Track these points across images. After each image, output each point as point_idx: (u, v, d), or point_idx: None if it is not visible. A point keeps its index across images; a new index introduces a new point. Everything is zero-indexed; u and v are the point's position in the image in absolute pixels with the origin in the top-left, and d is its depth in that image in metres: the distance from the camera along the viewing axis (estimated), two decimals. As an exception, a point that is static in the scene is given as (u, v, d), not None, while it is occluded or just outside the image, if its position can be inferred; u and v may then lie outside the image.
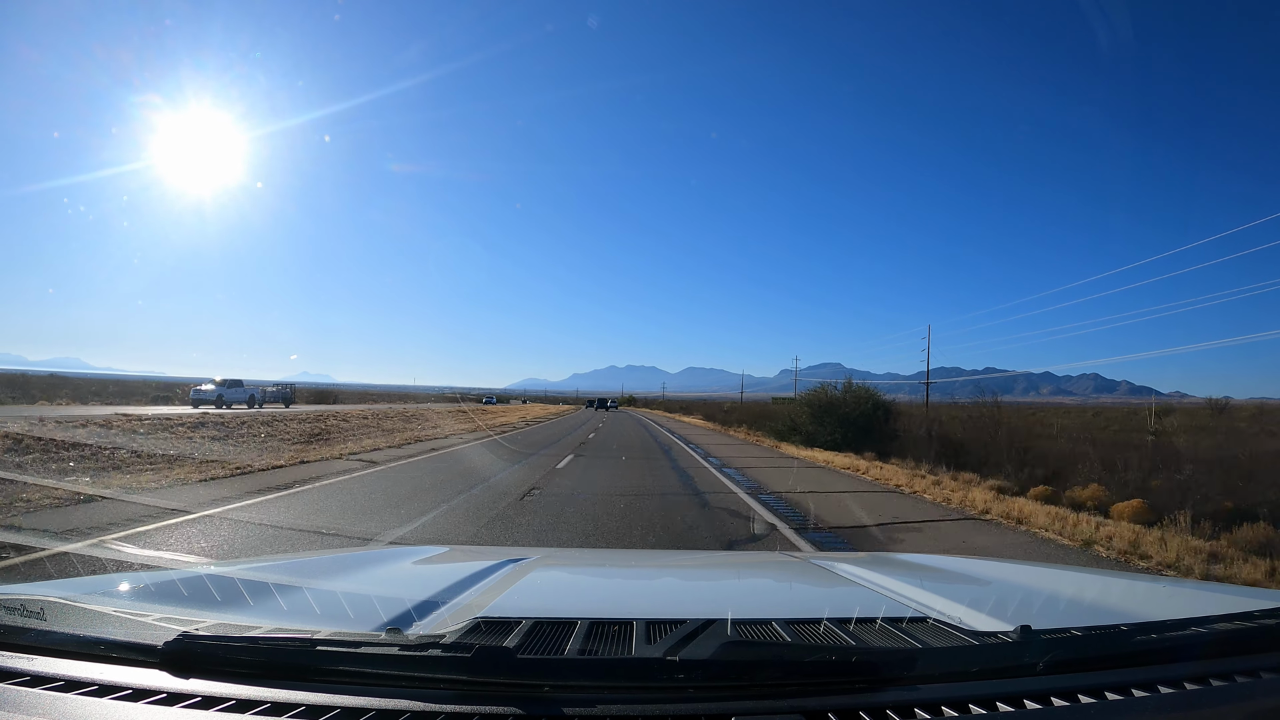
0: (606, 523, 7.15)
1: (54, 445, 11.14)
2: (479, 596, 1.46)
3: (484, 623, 1.14)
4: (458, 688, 0.94)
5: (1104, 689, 0.98)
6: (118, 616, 1.13)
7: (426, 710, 0.90)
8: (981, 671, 1.01)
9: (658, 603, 1.75)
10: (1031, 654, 1.03)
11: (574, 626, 1.13)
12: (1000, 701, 0.94)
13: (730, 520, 7.60)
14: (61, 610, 1.13)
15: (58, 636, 1.05)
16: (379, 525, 6.81)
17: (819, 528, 7.33)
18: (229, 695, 0.94)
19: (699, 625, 1.05)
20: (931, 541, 6.84)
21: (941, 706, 0.93)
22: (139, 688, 0.95)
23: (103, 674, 0.99)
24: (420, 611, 1.28)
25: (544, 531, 6.68)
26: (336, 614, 1.34)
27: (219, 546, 5.67)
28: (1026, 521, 7.97)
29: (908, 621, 1.21)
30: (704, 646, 0.97)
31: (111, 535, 5.85)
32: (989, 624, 1.22)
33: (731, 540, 6.61)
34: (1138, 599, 1.73)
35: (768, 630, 1.18)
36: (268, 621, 1.18)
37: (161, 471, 9.80)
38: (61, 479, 8.49)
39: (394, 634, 1.03)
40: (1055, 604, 1.59)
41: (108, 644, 1.03)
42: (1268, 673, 1.05)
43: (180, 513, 6.94)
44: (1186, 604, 1.63)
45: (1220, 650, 1.10)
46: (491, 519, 7.30)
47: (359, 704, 0.91)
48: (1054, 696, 0.96)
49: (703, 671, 0.95)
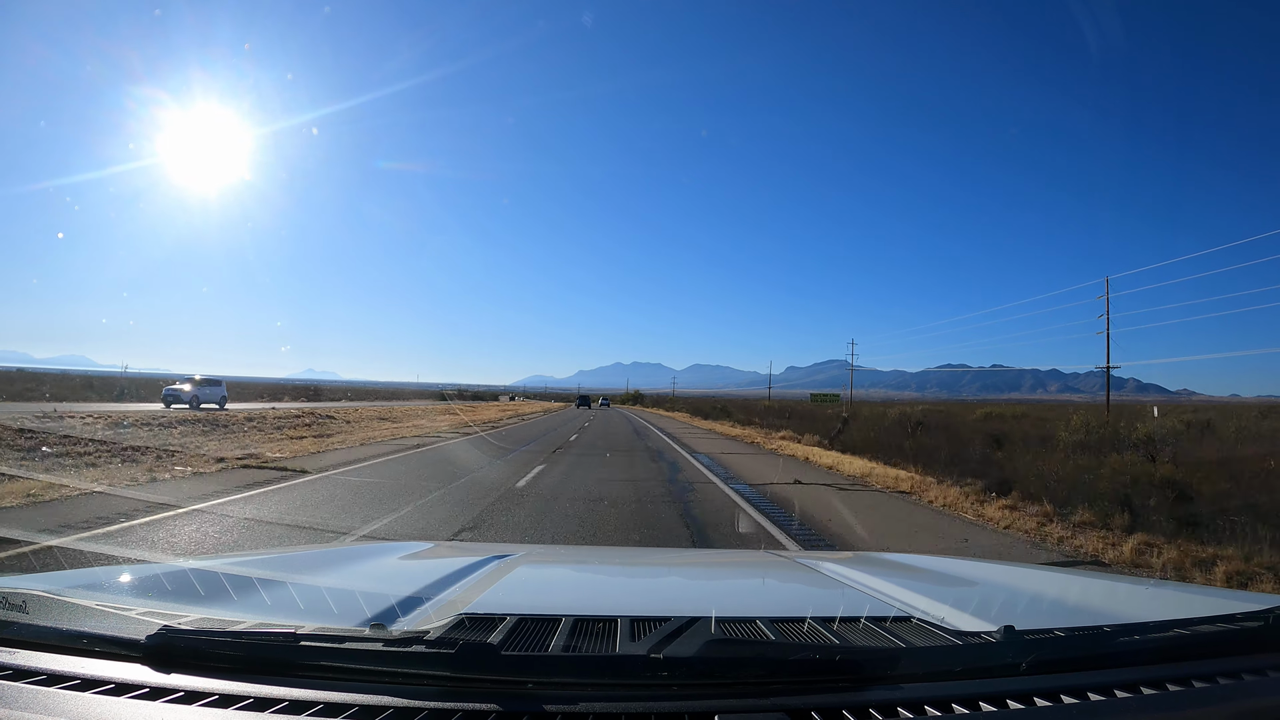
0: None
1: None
2: (464, 592, 1.45)
3: (468, 619, 1.13)
4: (441, 684, 0.94)
5: (1087, 689, 0.98)
6: (101, 610, 1.12)
7: (410, 706, 0.89)
8: (965, 671, 1.02)
9: (642, 600, 1.75)
10: (1015, 654, 1.03)
11: (558, 623, 1.13)
12: (983, 701, 0.95)
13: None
14: (45, 604, 1.12)
15: (41, 630, 1.04)
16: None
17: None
18: (212, 690, 0.93)
19: (683, 623, 1.05)
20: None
21: (925, 706, 0.93)
22: (122, 682, 0.95)
23: (86, 668, 0.98)
24: (405, 607, 1.28)
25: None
26: (320, 609, 1.34)
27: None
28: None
29: (891, 621, 1.22)
30: (688, 644, 0.97)
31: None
32: (972, 624, 1.23)
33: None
34: (1120, 600, 1.75)
35: (752, 628, 1.18)
36: (251, 616, 1.18)
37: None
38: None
39: (378, 629, 1.03)
40: (1038, 604, 1.60)
41: (91, 638, 1.02)
42: (1250, 674, 1.06)
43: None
44: (1169, 605, 1.64)
45: (1203, 652, 1.10)
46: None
47: (342, 700, 0.91)
48: (1037, 697, 0.96)
49: (687, 669, 0.95)
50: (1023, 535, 7.50)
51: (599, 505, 8.43)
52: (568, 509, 8.11)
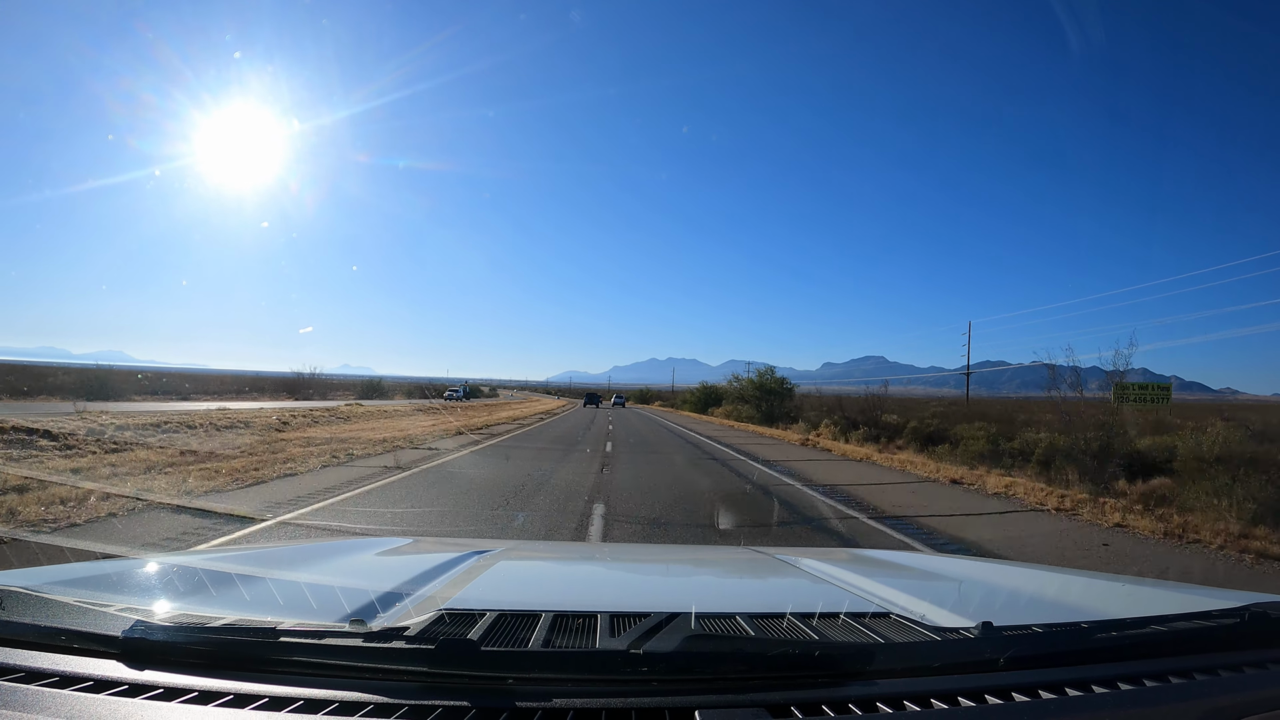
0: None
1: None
2: (444, 588, 1.45)
3: (448, 615, 1.13)
4: (421, 680, 0.93)
5: (1064, 685, 0.99)
6: (79, 606, 1.11)
7: (389, 703, 0.89)
8: (943, 666, 1.02)
9: (622, 595, 1.75)
10: (993, 650, 1.03)
11: (538, 619, 1.13)
12: (962, 696, 0.95)
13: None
14: (21, 600, 1.10)
15: (18, 627, 1.03)
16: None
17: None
18: (191, 686, 0.92)
19: (663, 618, 1.05)
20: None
21: (903, 701, 0.93)
22: (100, 678, 0.94)
23: (64, 665, 0.97)
24: (384, 603, 1.27)
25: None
26: (300, 605, 1.33)
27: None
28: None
29: (870, 617, 1.22)
30: (668, 640, 0.97)
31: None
32: (951, 620, 1.23)
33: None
34: (1098, 596, 1.76)
35: (732, 624, 1.18)
36: (230, 612, 1.17)
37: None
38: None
39: (357, 625, 1.02)
40: (1017, 601, 1.61)
41: (68, 634, 1.01)
42: (1226, 670, 1.07)
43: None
44: (1146, 602, 1.66)
45: (1179, 648, 1.11)
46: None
47: (321, 696, 0.90)
48: (1015, 692, 0.97)
49: (666, 664, 0.95)
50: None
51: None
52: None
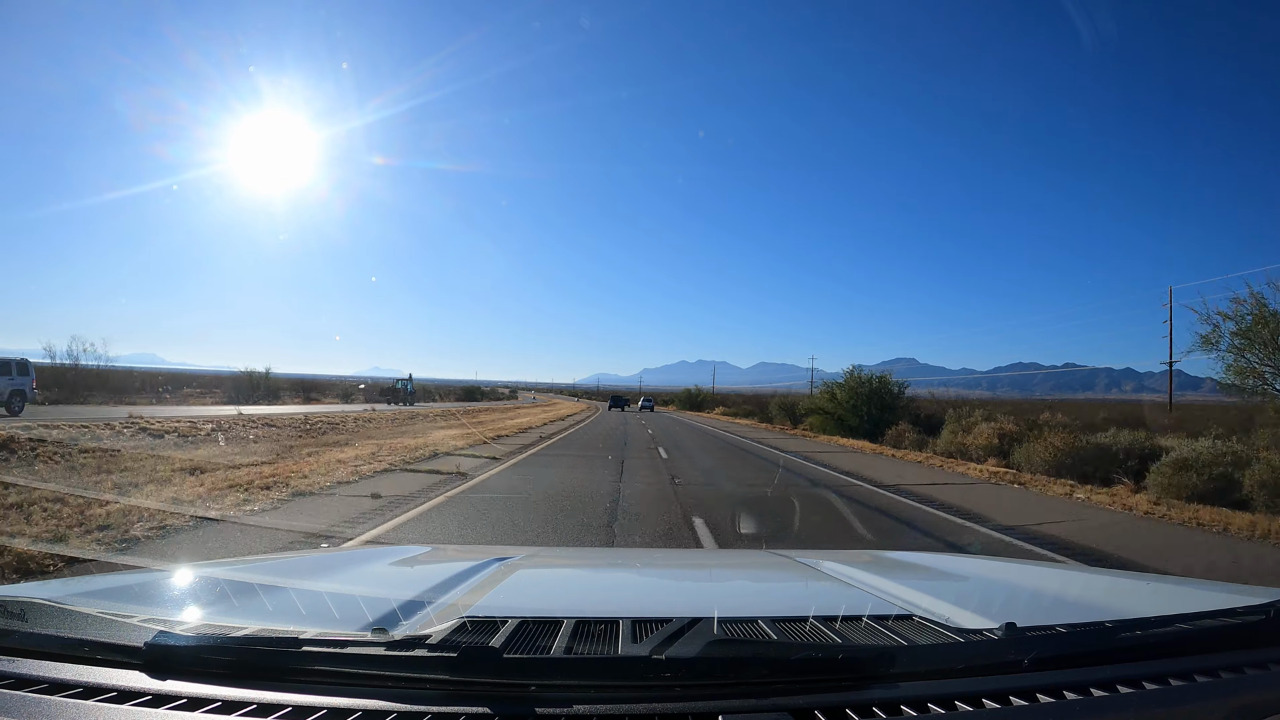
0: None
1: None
2: (465, 596, 1.45)
3: (470, 622, 1.13)
4: (444, 688, 0.93)
5: (1089, 685, 0.98)
6: (101, 618, 1.12)
7: (413, 711, 0.89)
8: (967, 669, 1.01)
9: (644, 601, 1.74)
10: (1016, 651, 1.03)
11: (560, 625, 1.13)
12: (986, 698, 0.94)
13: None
14: (45, 612, 1.11)
15: (42, 638, 1.03)
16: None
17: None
18: (214, 696, 0.93)
19: (685, 624, 1.04)
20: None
21: (927, 703, 0.93)
22: (124, 689, 0.94)
23: (88, 676, 0.97)
24: (406, 611, 1.28)
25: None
26: (322, 614, 1.33)
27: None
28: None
29: (893, 619, 1.22)
30: (690, 645, 0.97)
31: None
32: (974, 621, 1.23)
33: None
34: (1121, 595, 1.74)
35: (754, 628, 1.18)
36: (253, 622, 1.17)
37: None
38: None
39: (380, 634, 1.02)
40: (1039, 601, 1.60)
41: (91, 645, 1.01)
42: (1252, 668, 1.06)
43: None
44: (1170, 600, 1.64)
45: (1204, 646, 1.10)
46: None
47: (345, 705, 0.90)
48: (1040, 693, 0.96)
49: (689, 670, 0.94)
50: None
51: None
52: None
